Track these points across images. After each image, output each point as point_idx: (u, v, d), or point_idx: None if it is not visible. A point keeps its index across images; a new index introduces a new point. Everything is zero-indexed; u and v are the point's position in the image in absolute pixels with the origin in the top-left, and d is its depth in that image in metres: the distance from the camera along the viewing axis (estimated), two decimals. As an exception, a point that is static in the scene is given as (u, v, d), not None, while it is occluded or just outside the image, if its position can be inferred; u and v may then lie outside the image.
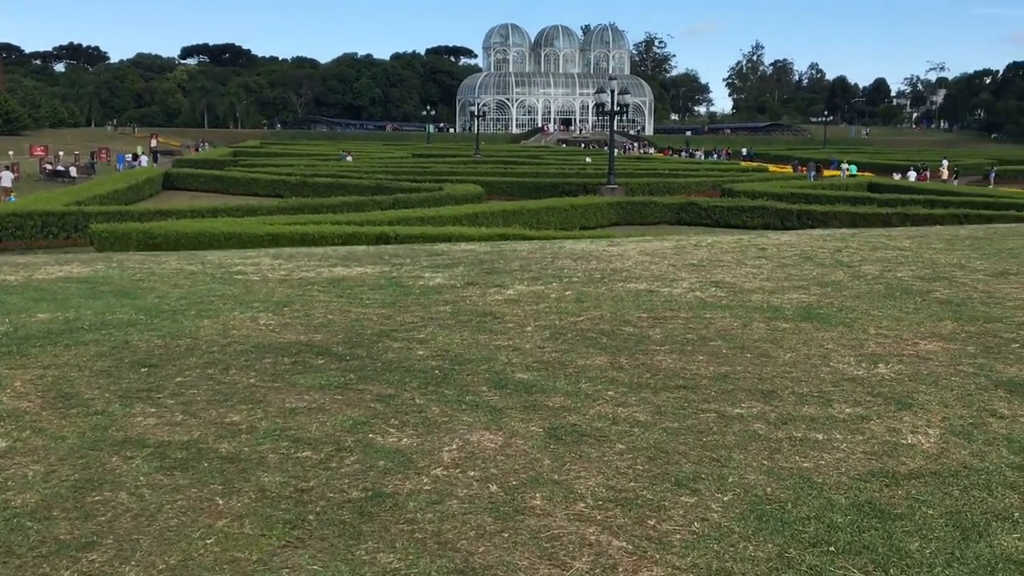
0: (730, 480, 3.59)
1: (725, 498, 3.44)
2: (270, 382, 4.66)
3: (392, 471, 3.61)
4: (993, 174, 55.06)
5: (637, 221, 31.75)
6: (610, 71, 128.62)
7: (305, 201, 30.96)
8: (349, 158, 57.69)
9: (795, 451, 3.87)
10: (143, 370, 4.88)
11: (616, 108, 41.52)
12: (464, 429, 4.05)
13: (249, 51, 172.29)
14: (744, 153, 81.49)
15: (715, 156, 78.80)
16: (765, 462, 3.76)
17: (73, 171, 53.81)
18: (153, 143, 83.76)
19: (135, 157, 67.65)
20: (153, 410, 4.27)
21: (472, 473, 3.60)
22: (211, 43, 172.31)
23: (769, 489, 3.52)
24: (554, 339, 5.42)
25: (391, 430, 4.03)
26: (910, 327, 5.77)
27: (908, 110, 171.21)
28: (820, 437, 4.02)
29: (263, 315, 6.05)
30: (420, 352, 5.16)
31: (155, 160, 71.65)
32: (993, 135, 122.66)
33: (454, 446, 3.86)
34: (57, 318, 6.10)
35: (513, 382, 4.66)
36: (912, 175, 52.19)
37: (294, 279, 7.68)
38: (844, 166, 56.94)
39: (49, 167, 55.73)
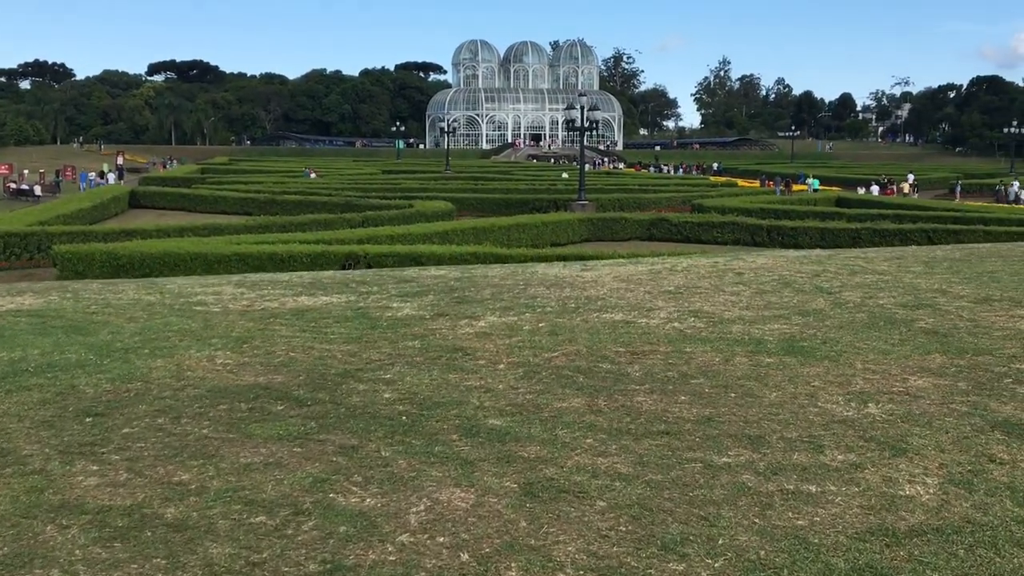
0: (720, 542, 3.33)
1: (716, 564, 3.18)
2: (224, 432, 4.34)
3: (354, 538, 3.31)
4: (959, 188, 55.66)
5: (608, 237, 31.63)
6: (579, 87, 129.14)
7: (273, 219, 30.56)
8: (313, 175, 57.21)
9: (788, 506, 3.62)
10: (88, 420, 4.54)
11: (586, 124, 41.52)
12: (433, 486, 3.75)
13: (217, 67, 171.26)
14: (715, 168, 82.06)
15: (681, 171, 79.48)
16: (757, 520, 3.50)
17: (38, 190, 52.97)
18: (119, 160, 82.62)
19: (102, 175, 66.74)
20: (96, 468, 3.94)
21: (441, 539, 3.31)
22: (178, 59, 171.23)
23: (763, 552, 3.26)
24: (528, 378, 5.14)
25: (354, 488, 3.73)
26: (898, 360, 5.55)
27: (874, 124, 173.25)
28: (813, 489, 3.76)
29: (221, 353, 5.72)
30: (387, 395, 4.87)
31: (121, 177, 70.76)
32: (958, 149, 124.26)
33: (422, 507, 3.57)
34: (1, 359, 5.75)
35: (485, 429, 4.37)
36: (875, 189, 52.62)
37: (256, 310, 7.35)
38: (808, 181, 57.19)
39: (13, 186, 54.82)
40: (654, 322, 6.65)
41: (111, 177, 67.62)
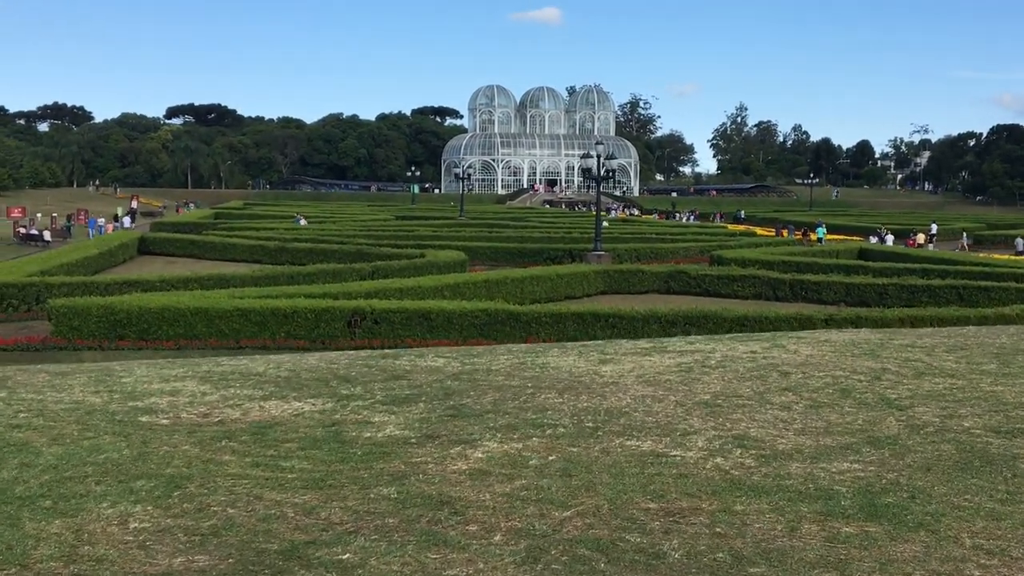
0: None
1: None
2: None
3: None
4: (965, 238, 54.88)
5: (625, 290, 30.48)
6: (596, 132, 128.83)
7: (280, 270, 29.57)
8: (303, 221, 56.40)
9: None
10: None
11: (602, 172, 40.56)
12: None
13: (235, 111, 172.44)
14: (741, 216, 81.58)
15: (690, 218, 79.42)
16: None
17: (47, 235, 52.29)
18: (133, 204, 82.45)
19: (116, 218, 66.27)
20: None
21: None
22: (197, 103, 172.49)
23: None
24: (532, 561, 3.88)
25: None
26: (1014, 531, 4.25)
27: (892, 172, 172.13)
28: None
29: (140, 510, 4.48)
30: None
31: (134, 220, 70.29)
32: (979, 198, 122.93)
33: None
34: None
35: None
36: (875, 239, 51.60)
37: (210, 425, 6.12)
38: (822, 231, 55.96)
39: (23, 231, 54.14)
40: (691, 455, 5.36)
41: (127, 220, 67.19)
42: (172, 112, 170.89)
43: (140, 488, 4.77)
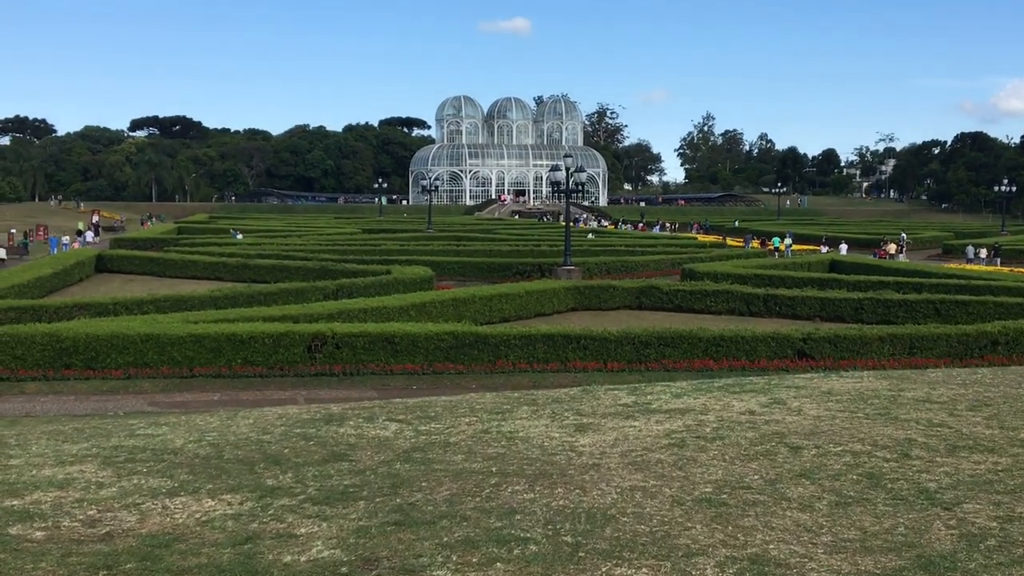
0: None
1: None
2: None
3: None
4: (904, 240, 55.47)
5: (595, 306, 29.91)
6: (563, 142, 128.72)
7: (241, 289, 28.61)
8: (240, 236, 55.55)
9: None
10: None
11: (571, 185, 40.03)
12: None
13: (200, 123, 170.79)
14: (707, 225, 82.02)
15: (658, 228, 79.82)
16: None
17: (2, 252, 50.80)
18: (95, 218, 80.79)
19: (79, 233, 64.83)
20: None
21: None
22: (161, 115, 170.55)
23: None
24: None
25: None
26: None
27: (858, 180, 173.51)
28: None
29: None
30: None
31: (97, 234, 68.84)
32: (944, 205, 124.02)
33: None
34: None
35: None
36: (826, 249, 51.89)
37: (94, 540, 5.13)
38: (788, 240, 56.01)
39: (-24, 248, 52.56)
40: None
41: (89, 235, 65.78)
42: (136, 124, 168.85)
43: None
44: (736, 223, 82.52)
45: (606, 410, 8.10)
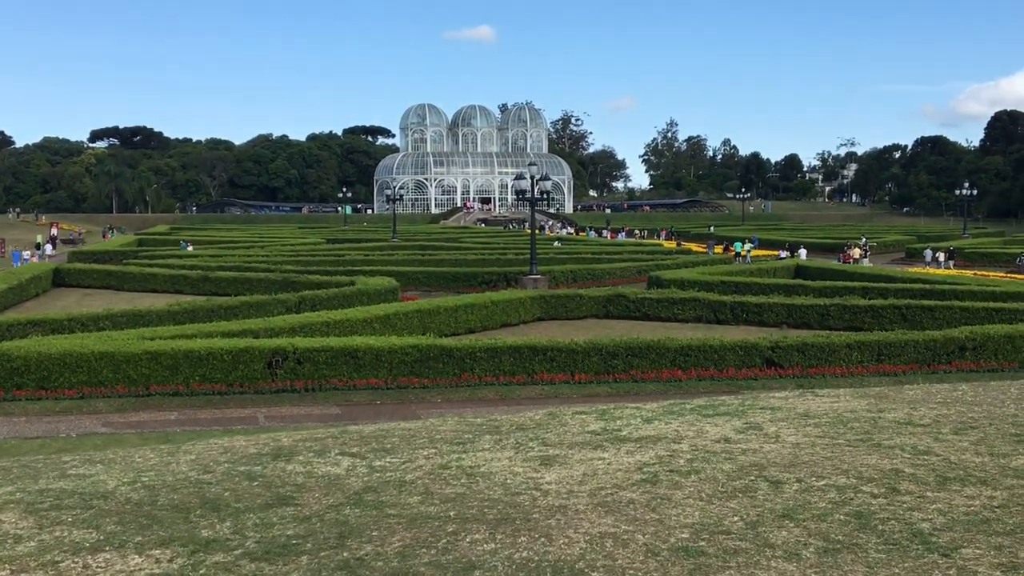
0: None
1: None
2: None
3: None
4: (865, 244, 55.69)
5: (562, 316, 29.58)
6: (528, 149, 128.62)
7: (200, 303, 27.91)
8: (189, 247, 54.97)
9: None
10: None
11: (537, 195, 39.74)
12: None
13: (161, 133, 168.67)
14: (674, 232, 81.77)
15: (623, 235, 79.49)
16: None
17: (-43, 267, 49.62)
18: (53, 231, 79.32)
19: (38, 246, 63.62)
20: None
21: None
22: (122, 125, 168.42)
23: None
24: None
25: None
26: None
27: (820, 184, 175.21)
28: None
29: None
30: None
31: (55, 247, 67.62)
32: (905, 209, 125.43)
33: None
34: None
35: None
36: (784, 254, 51.99)
37: None
38: (748, 246, 56.12)
39: (-72, 263, 51.31)
40: None
41: (49, 248, 64.66)
42: (96, 135, 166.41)
43: None
44: (711, 228, 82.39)
45: (573, 439, 7.68)
